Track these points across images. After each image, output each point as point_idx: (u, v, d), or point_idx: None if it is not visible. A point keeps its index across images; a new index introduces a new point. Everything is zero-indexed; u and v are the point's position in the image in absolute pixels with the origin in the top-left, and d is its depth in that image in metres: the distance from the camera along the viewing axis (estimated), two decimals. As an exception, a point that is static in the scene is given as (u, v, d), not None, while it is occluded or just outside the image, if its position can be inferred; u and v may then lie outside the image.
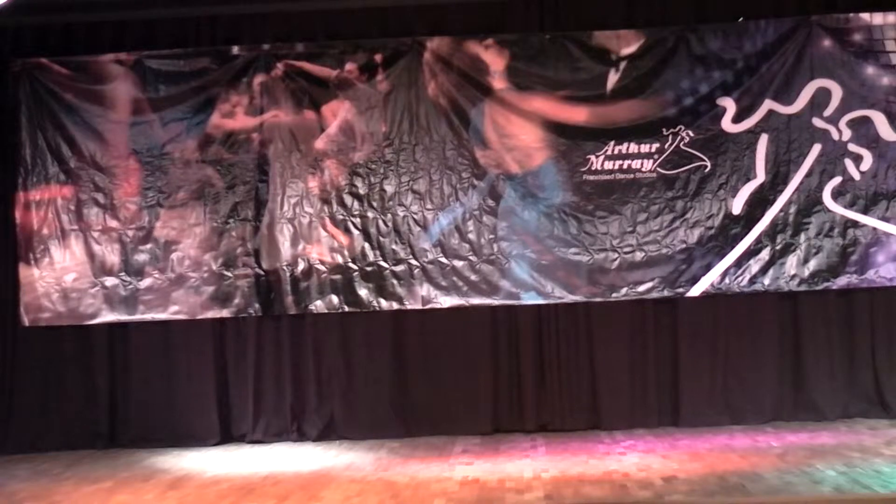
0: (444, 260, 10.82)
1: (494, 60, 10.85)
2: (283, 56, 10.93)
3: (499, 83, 10.85)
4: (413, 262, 10.83)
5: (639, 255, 10.77)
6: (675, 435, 10.39)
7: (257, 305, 10.89)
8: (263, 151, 10.93)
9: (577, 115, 10.84)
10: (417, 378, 10.93)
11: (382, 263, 10.84)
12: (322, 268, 10.85)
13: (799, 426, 10.44)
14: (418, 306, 10.83)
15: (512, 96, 10.85)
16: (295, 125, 10.92)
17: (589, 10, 10.89)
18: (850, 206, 10.69)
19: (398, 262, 10.84)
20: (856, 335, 10.81)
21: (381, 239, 10.86)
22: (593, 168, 10.82)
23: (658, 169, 10.79)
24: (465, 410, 10.84)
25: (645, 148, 10.81)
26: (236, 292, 10.88)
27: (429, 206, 10.86)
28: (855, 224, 10.69)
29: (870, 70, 10.72)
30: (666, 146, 10.79)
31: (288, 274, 10.85)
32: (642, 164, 10.81)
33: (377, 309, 10.84)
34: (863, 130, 10.70)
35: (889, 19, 10.73)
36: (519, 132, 10.85)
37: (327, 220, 10.89)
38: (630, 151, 10.81)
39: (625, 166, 10.81)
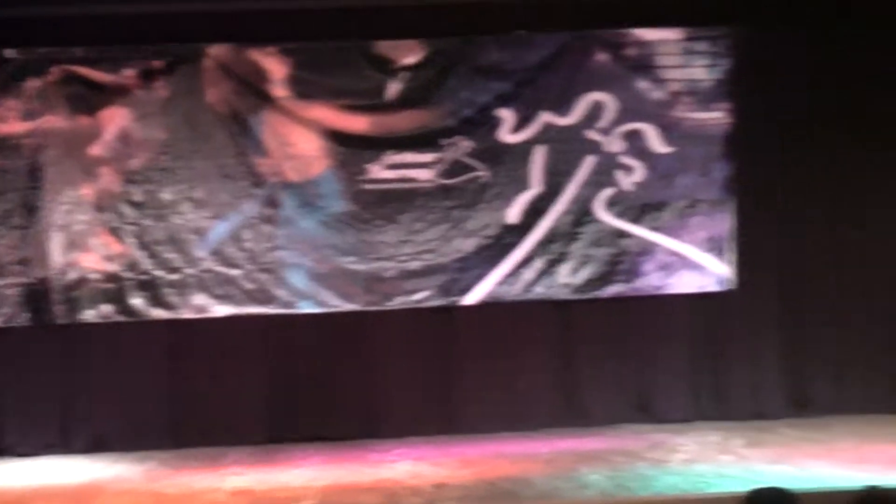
0: (220, 269, 10.71)
1: (276, 68, 10.80)
2: (60, 60, 10.69)
3: (280, 91, 10.79)
4: (189, 270, 10.70)
5: (415, 264, 10.79)
6: (448, 442, 10.42)
7: (27, 315, 10.63)
8: (37, 157, 10.67)
9: (358, 124, 10.84)
10: (190, 388, 10.74)
11: (157, 272, 10.68)
12: (95, 276, 10.65)
13: (568, 432, 10.56)
14: (193, 315, 10.69)
15: (293, 105, 10.80)
16: (70, 131, 10.69)
17: (372, 19, 10.85)
18: (621, 216, 10.88)
19: (173, 270, 10.69)
20: (625, 342, 10.98)
21: (157, 247, 10.69)
22: (372, 177, 10.83)
23: (436, 179, 10.84)
24: (238, 420, 10.70)
25: (424, 158, 10.85)
26: (5, 301, 10.61)
27: (206, 215, 10.74)
28: (625, 234, 10.88)
29: (643, 84, 10.92)
30: (444, 156, 10.84)
31: (59, 283, 10.61)
32: (421, 173, 10.86)
33: (151, 318, 10.67)
34: (635, 143, 10.90)
35: (663, 35, 10.96)
36: (298, 141, 10.81)
37: (102, 228, 10.68)
38: (409, 161, 10.84)
39: (404, 176, 10.85)
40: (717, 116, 10.90)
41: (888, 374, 10.74)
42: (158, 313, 10.68)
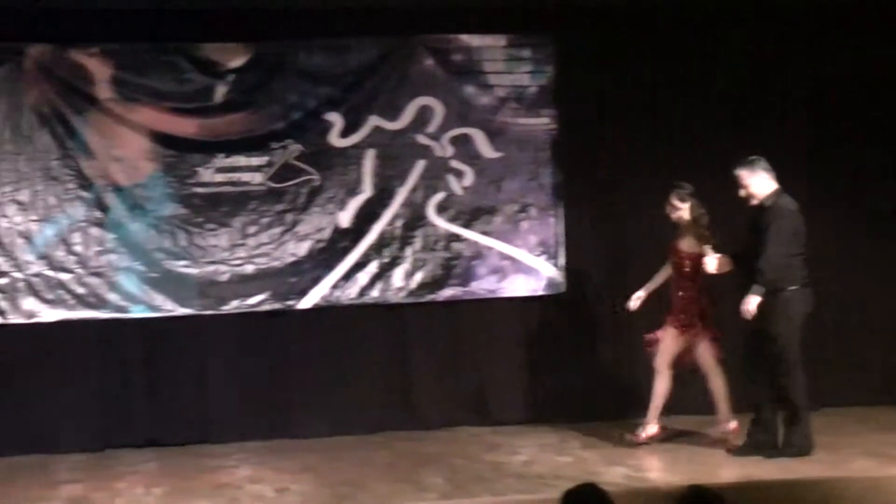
0: (49, 273, 10.51)
1: (99, 70, 10.62)
2: None
3: (104, 93, 10.62)
4: (17, 274, 10.47)
5: (249, 268, 10.78)
6: (286, 446, 10.44)
7: None
8: None
9: (186, 127, 10.74)
10: (20, 394, 10.49)
11: (-17, 276, 10.43)
12: (-82, 281, 10.35)
13: (406, 435, 10.69)
14: (22, 320, 10.46)
15: (118, 107, 10.64)
16: None
17: (198, 22, 10.77)
18: (453, 220, 11.05)
19: (1, 274, 10.45)
20: (460, 345, 11.17)
21: (-17, 251, 10.45)
22: (202, 180, 10.76)
23: (268, 182, 10.84)
24: (70, 426, 10.51)
25: (254, 161, 10.83)
26: None
27: (33, 217, 10.52)
28: (458, 238, 11.05)
29: (469, 89, 11.10)
30: (275, 159, 10.85)
31: None
32: (252, 177, 10.83)
33: (-21, 324, 10.42)
34: (464, 147, 11.07)
35: (487, 41, 11.14)
36: (125, 143, 10.66)
37: (-74, 231, 10.38)
38: (239, 164, 10.81)
39: (234, 179, 10.81)
40: (542, 122, 11.15)
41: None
42: (-14, 319, 10.42)
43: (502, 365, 10.89)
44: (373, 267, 10.95)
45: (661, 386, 9.84)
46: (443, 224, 11.04)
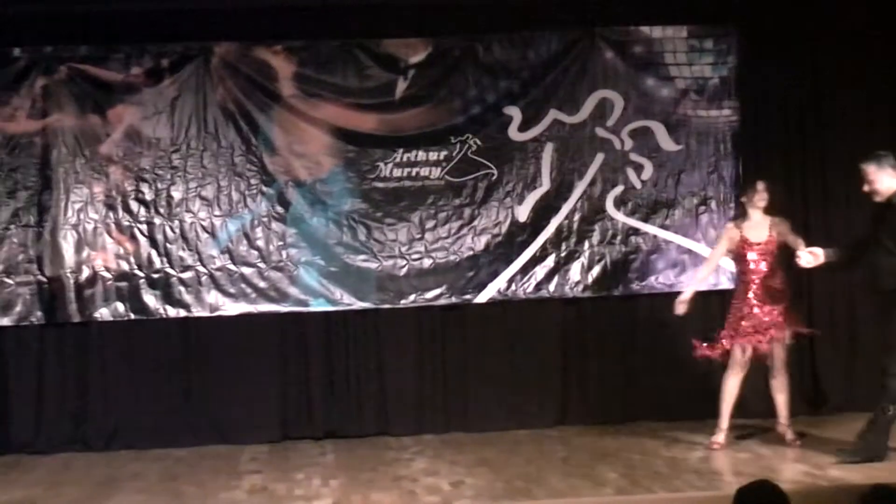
0: (232, 267, 10.72)
1: (283, 67, 10.80)
2: (67, 59, 10.64)
3: (287, 90, 10.79)
4: (201, 268, 10.70)
5: (427, 262, 10.83)
6: (462, 440, 10.48)
7: (39, 313, 10.60)
8: (46, 156, 10.62)
9: (366, 122, 10.85)
10: (206, 386, 10.74)
11: (169, 270, 10.68)
12: (107, 275, 10.64)
13: (583, 430, 10.64)
14: (206, 313, 10.70)
15: (300, 103, 10.80)
16: (79, 129, 10.65)
17: (378, 18, 10.88)
18: (631, 214, 10.95)
19: (185, 268, 10.70)
20: (637, 339, 11.07)
21: (168, 245, 10.69)
22: (382, 175, 10.85)
23: (446, 176, 10.88)
24: (254, 418, 10.71)
25: (433, 156, 10.88)
26: (18, 300, 10.59)
27: (217, 213, 10.74)
28: (636, 232, 10.95)
29: (650, 82, 11.00)
30: (454, 154, 10.89)
31: (72, 281, 10.59)
32: (430, 171, 10.88)
33: (164, 316, 10.67)
34: (644, 140, 10.96)
35: (668, 33, 11.02)
36: (307, 139, 10.82)
37: (113, 227, 10.67)
38: (418, 159, 10.88)
39: (413, 174, 10.88)
40: (724, 114, 10.98)
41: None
42: (171, 311, 10.67)
43: (679, 359, 10.66)
44: (550, 261, 10.91)
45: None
46: (621, 218, 10.94)
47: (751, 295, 9.60)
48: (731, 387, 9.64)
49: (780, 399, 9.69)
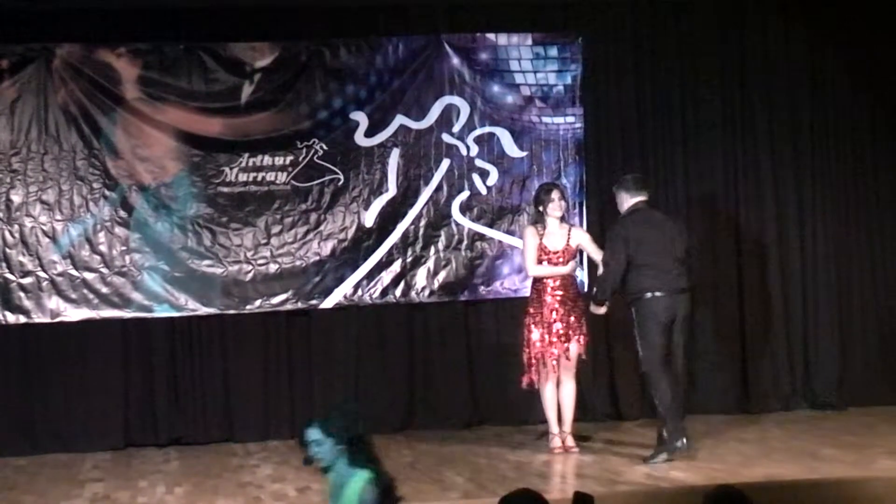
0: (73, 272, 10.54)
1: (126, 69, 10.66)
2: None
3: (131, 92, 10.65)
4: (41, 274, 10.51)
5: (273, 268, 10.78)
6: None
7: None
8: None
9: (212, 126, 10.76)
10: (47, 393, 10.56)
11: (9, 276, 10.45)
12: (-54, 280, 10.40)
13: (430, 434, 10.68)
14: (47, 319, 10.50)
15: (145, 106, 10.67)
16: (-84, 132, 10.42)
17: (225, 21, 10.82)
18: (477, 219, 11.03)
19: (25, 274, 10.48)
20: (482, 345, 11.14)
21: (8, 250, 10.47)
22: (227, 180, 10.77)
23: (292, 181, 10.84)
24: (96, 426, 10.57)
25: (279, 160, 10.83)
26: None
27: (58, 217, 10.55)
28: (482, 237, 11.02)
29: (495, 88, 11.09)
30: (300, 159, 10.85)
31: None
32: (276, 176, 10.83)
33: (3, 322, 10.45)
34: (489, 147, 11.05)
35: (513, 40, 11.11)
36: (152, 143, 10.69)
37: (-48, 231, 10.44)
38: (264, 164, 10.82)
39: (259, 178, 10.81)
40: (568, 121, 11.10)
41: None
42: (11, 318, 10.46)
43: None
44: (396, 266, 10.94)
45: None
46: (467, 223, 11.01)
47: (548, 300, 9.61)
48: (549, 393, 9.66)
49: (567, 405, 9.69)
